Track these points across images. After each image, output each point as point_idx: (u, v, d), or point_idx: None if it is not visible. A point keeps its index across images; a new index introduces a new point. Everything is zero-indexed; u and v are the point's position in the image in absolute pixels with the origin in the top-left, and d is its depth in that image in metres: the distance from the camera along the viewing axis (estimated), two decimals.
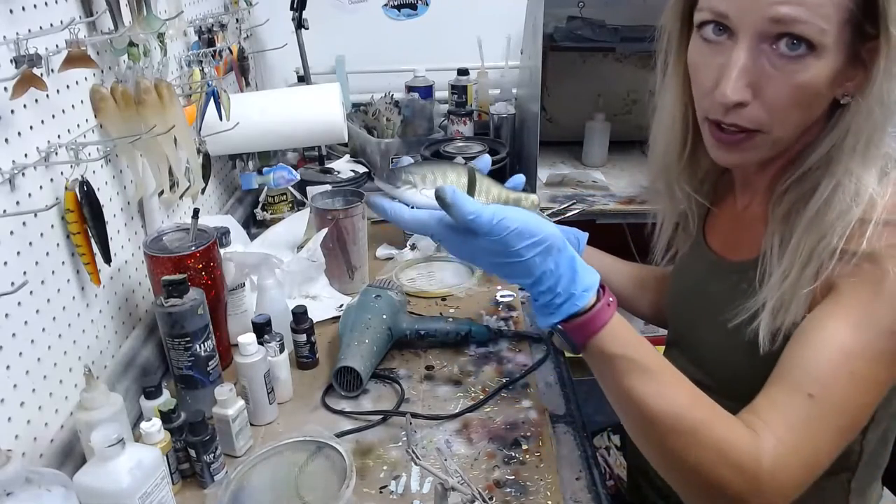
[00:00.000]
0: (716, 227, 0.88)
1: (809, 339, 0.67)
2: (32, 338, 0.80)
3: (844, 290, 0.66)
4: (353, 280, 1.29)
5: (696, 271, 0.88)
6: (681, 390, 0.65)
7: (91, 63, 0.83)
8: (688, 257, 0.92)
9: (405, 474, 0.87)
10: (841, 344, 0.65)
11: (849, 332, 0.65)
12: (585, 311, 0.63)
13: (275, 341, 0.98)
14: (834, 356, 0.65)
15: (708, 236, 0.88)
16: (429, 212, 0.62)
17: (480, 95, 1.97)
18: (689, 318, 0.90)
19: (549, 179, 1.77)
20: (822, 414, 0.64)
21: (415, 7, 2.00)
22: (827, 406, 0.64)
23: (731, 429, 0.64)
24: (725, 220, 0.87)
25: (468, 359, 1.11)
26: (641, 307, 1.08)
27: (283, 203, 1.59)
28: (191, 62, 1.29)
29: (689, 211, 0.89)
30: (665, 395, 0.64)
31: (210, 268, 1.01)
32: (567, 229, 0.98)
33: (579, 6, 1.80)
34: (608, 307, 0.64)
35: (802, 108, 0.69)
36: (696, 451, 0.63)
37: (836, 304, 0.67)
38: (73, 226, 0.85)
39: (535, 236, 0.60)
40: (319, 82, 1.77)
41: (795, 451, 0.63)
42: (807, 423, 0.64)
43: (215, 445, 0.85)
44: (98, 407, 0.79)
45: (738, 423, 0.65)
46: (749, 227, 0.81)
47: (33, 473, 0.62)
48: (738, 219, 0.84)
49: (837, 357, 0.65)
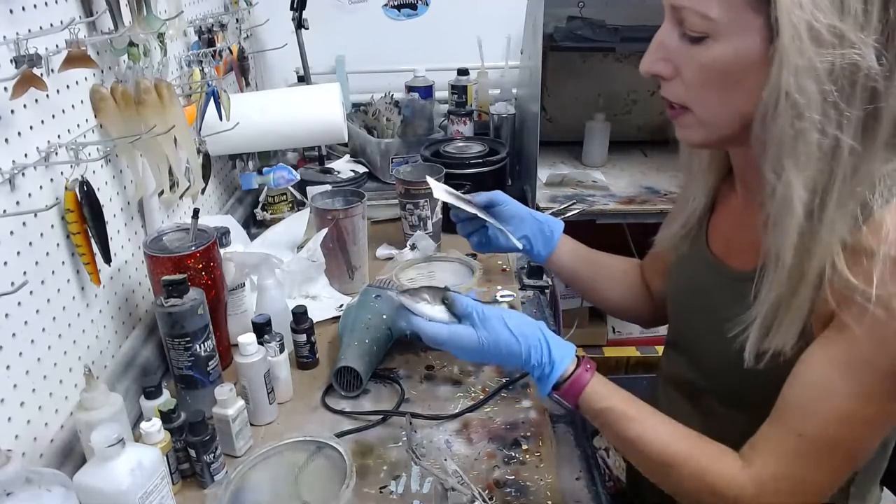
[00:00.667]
0: (718, 227, 0.87)
1: (804, 376, 0.67)
2: (32, 338, 0.80)
3: (842, 325, 0.64)
4: (353, 280, 1.29)
5: (697, 273, 0.87)
6: (661, 430, 0.73)
7: (91, 63, 0.83)
8: (688, 257, 0.91)
9: (405, 474, 0.87)
10: (832, 385, 0.65)
11: (840, 374, 0.65)
12: (566, 379, 0.75)
13: (275, 341, 0.98)
14: (825, 397, 0.66)
15: (710, 235, 0.87)
16: (440, 325, 0.77)
17: (480, 95, 1.96)
18: (687, 319, 0.90)
19: (549, 179, 1.77)
20: (811, 452, 0.67)
21: (415, 7, 2.00)
22: (816, 445, 0.66)
23: (715, 458, 0.70)
24: (727, 220, 0.85)
25: None
26: (610, 297, 1.08)
27: (283, 203, 1.59)
28: (191, 62, 1.29)
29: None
30: (647, 436, 0.73)
31: (210, 268, 1.01)
32: (542, 219, 1.03)
33: (579, 6, 1.80)
34: (586, 372, 0.75)
35: (718, 89, 0.68)
36: (682, 481, 0.71)
37: (832, 341, 0.66)
38: (73, 226, 0.85)
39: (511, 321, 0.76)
40: (319, 82, 1.77)
41: (783, 483, 0.67)
42: (796, 460, 0.67)
43: (215, 445, 0.85)
44: (98, 407, 0.79)
45: (726, 453, 0.71)
46: (749, 230, 0.78)
47: (33, 473, 0.62)
48: (739, 219, 0.83)
49: (828, 399, 0.66)
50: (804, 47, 0.59)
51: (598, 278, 1.07)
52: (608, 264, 1.08)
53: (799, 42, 0.59)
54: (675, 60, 0.70)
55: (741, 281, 0.74)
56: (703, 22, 0.65)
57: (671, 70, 0.71)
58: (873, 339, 0.62)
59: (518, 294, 1.28)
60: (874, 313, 0.61)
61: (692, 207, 0.88)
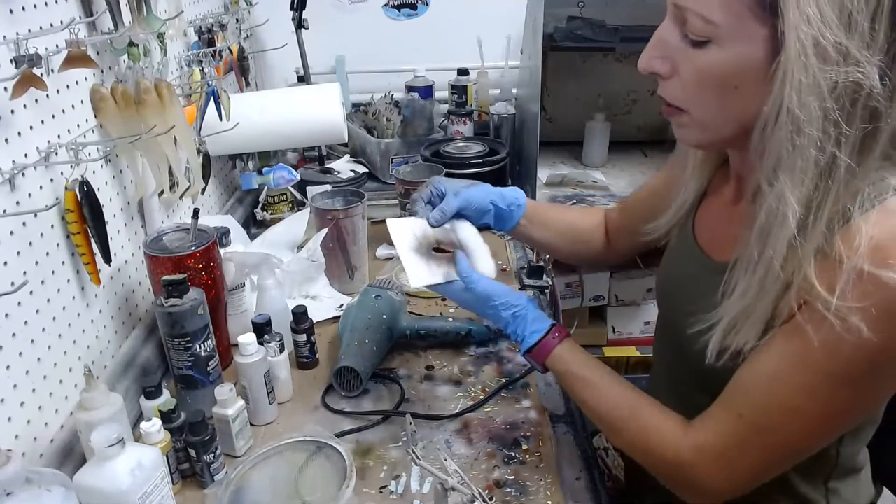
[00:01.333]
0: (706, 217, 0.87)
1: (756, 364, 0.69)
2: (32, 338, 0.80)
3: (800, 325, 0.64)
4: (353, 280, 1.29)
5: (682, 262, 0.88)
6: (611, 393, 0.81)
7: (91, 63, 0.83)
8: (675, 247, 0.91)
9: (405, 474, 0.87)
10: (780, 377, 0.67)
11: (790, 368, 0.66)
12: (537, 344, 0.85)
13: (275, 341, 0.98)
14: (771, 386, 0.68)
15: (697, 224, 0.87)
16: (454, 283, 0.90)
17: (480, 95, 1.96)
18: (673, 307, 0.90)
19: (549, 179, 1.77)
20: (747, 434, 0.70)
21: (415, 7, 2.00)
22: (753, 429, 0.69)
23: (658, 421, 0.77)
24: (716, 211, 0.85)
25: (468, 359, 1.11)
26: (582, 253, 1.13)
27: (283, 203, 1.59)
28: (191, 62, 1.29)
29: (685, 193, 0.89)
30: (598, 397, 0.82)
31: (210, 268, 1.01)
32: (505, 192, 1.03)
33: (579, 6, 1.80)
34: (553, 339, 0.85)
35: (716, 94, 0.67)
36: (630, 438, 0.79)
37: (788, 337, 0.66)
38: (73, 226, 0.85)
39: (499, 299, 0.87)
40: (319, 82, 1.77)
41: (716, 457, 0.71)
42: (731, 438, 0.70)
43: (215, 445, 0.85)
44: (98, 407, 0.79)
45: (670, 418, 0.76)
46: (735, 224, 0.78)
47: (33, 473, 0.62)
48: (728, 212, 0.83)
49: (772, 387, 0.68)
50: (809, 63, 0.58)
51: (553, 240, 1.10)
52: (562, 228, 1.10)
53: (804, 58, 0.58)
54: (674, 59, 0.69)
55: (720, 273, 0.74)
56: (706, 26, 0.64)
57: (669, 68, 0.70)
58: (827, 347, 0.63)
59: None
60: (831, 323, 0.61)
61: (684, 197, 0.88)
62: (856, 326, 0.60)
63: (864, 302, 0.60)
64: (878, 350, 0.61)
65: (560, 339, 0.85)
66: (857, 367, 0.63)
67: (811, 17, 0.58)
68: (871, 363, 0.63)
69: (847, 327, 0.61)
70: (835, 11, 0.58)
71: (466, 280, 0.88)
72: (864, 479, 0.86)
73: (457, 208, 0.95)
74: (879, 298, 0.60)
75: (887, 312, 0.60)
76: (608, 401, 0.81)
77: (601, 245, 1.11)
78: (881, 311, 0.60)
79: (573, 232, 1.11)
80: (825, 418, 0.68)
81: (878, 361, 0.63)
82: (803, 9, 0.58)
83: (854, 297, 0.60)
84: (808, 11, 0.58)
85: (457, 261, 0.90)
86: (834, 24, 0.58)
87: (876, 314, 0.60)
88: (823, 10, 0.57)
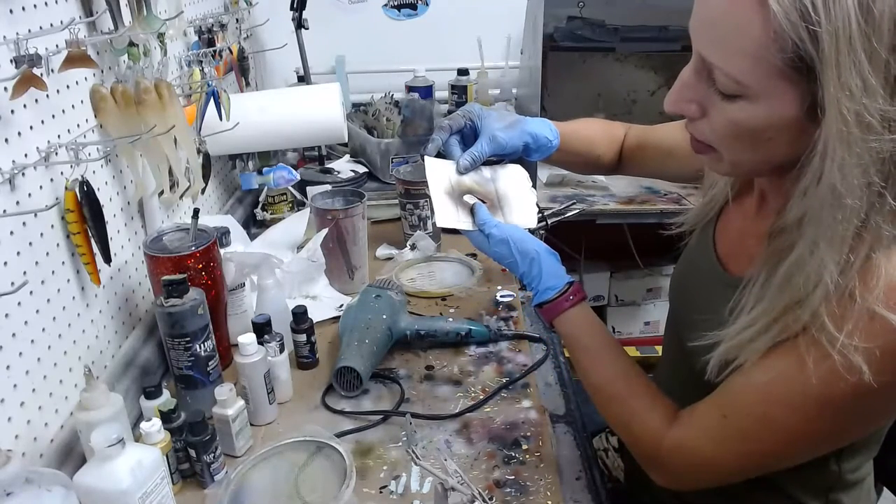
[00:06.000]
0: (727, 226, 0.86)
1: (749, 372, 0.69)
2: (32, 338, 0.80)
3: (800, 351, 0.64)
4: (353, 280, 1.29)
5: (698, 268, 0.87)
6: (609, 367, 0.82)
7: (91, 63, 0.83)
8: (694, 250, 0.91)
9: (405, 474, 0.87)
10: (769, 388, 0.67)
11: (780, 382, 0.66)
12: (549, 301, 0.85)
13: (275, 341, 0.98)
14: (758, 395, 0.68)
15: (718, 230, 0.86)
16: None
17: (480, 95, 1.97)
18: (682, 311, 0.90)
19: (549, 179, 1.77)
20: (727, 436, 0.71)
21: (415, 7, 2.00)
22: (732, 432, 0.70)
23: (645, 407, 0.78)
24: (738, 220, 0.84)
25: (468, 359, 1.11)
26: (591, 168, 1.14)
27: (283, 203, 1.59)
28: (191, 62, 1.29)
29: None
30: (595, 368, 0.83)
31: (210, 268, 1.01)
32: (539, 135, 0.99)
33: (579, 6, 1.80)
34: (567, 301, 0.84)
35: (745, 143, 0.65)
36: (615, 415, 0.81)
37: (785, 355, 0.66)
38: (73, 226, 0.85)
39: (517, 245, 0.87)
40: (319, 82, 1.77)
41: (693, 451, 0.73)
42: (711, 436, 0.72)
43: (215, 445, 0.85)
44: (98, 407, 0.79)
45: (658, 407, 0.78)
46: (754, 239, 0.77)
47: (33, 473, 0.62)
48: (748, 224, 0.81)
49: (761, 398, 0.68)
50: (853, 139, 0.55)
51: (569, 161, 1.11)
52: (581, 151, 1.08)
53: (847, 134, 0.55)
54: (704, 104, 0.67)
55: (733, 287, 0.74)
56: (734, 85, 0.61)
57: (698, 111, 0.67)
58: (823, 379, 0.62)
59: (518, 294, 1.28)
60: (833, 358, 0.61)
61: (712, 194, 0.87)
62: (857, 366, 0.59)
63: (870, 343, 0.59)
64: (873, 391, 0.60)
65: (573, 303, 0.84)
66: (849, 400, 0.63)
67: (854, 90, 0.54)
68: (863, 399, 0.62)
69: (849, 366, 0.60)
70: (879, 80, 0.54)
71: (484, 227, 0.89)
72: (866, 489, 0.85)
73: (489, 154, 0.96)
74: (886, 342, 0.59)
75: (892, 356, 0.60)
76: (604, 375, 0.82)
77: (611, 162, 1.11)
78: (885, 354, 0.59)
79: (589, 152, 1.08)
80: (806, 436, 0.68)
81: (871, 399, 0.63)
82: (845, 81, 0.54)
83: (861, 337, 0.60)
84: (850, 83, 0.54)
85: (475, 210, 0.91)
86: (878, 94, 0.54)
87: (879, 356, 0.59)
88: (867, 80, 0.54)
